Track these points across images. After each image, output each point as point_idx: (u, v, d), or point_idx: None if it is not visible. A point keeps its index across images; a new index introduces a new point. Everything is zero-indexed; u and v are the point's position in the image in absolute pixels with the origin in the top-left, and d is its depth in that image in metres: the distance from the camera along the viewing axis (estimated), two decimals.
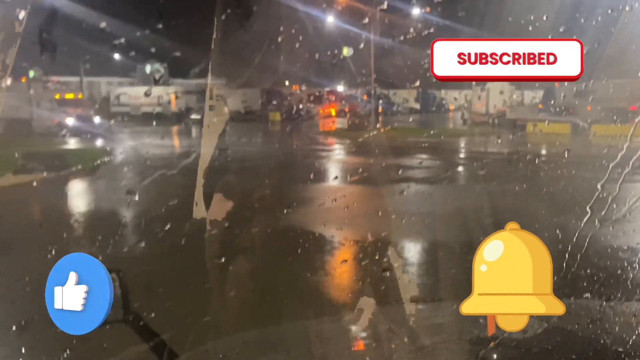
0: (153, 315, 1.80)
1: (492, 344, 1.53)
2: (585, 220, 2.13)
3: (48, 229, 6.34)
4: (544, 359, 1.55)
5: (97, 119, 24.03)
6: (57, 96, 25.69)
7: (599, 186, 2.14)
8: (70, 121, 22.92)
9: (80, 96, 27.77)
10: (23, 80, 24.66)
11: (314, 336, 1.80)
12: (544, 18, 3.23)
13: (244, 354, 1.70)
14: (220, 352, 1.74)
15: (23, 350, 2.31)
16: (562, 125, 17.46)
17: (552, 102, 20.87)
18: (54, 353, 1.66)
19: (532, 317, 1.76)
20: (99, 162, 12.56)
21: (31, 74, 22.63)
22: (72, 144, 18.16)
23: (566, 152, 5.08)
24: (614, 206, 2.15)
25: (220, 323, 3.38)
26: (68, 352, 1.60)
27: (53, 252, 3.71)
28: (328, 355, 1.67)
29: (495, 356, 1.51)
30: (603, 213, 2.15)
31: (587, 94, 14.30)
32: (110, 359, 2.87)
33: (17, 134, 17.77)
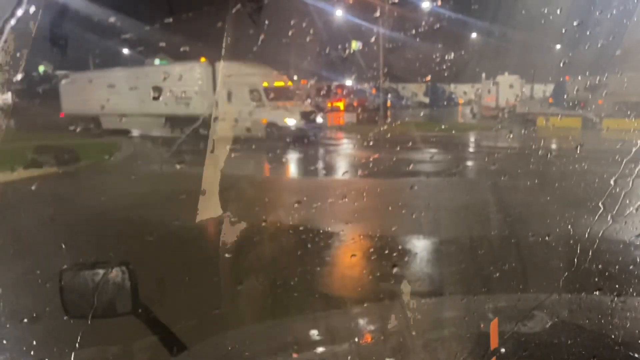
0: (162, 307, 1.81)
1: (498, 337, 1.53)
2: (597, 215, 2.10)
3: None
4: (554, 354, 1.53)
5: (319, 118, 16.17)
6: (266, 84, 16.97)
7: (612, 181, 2.12)
8: (291, 122, 14.96)
9: (290, 84, 18.39)
10: (202, 60, 16.79)
11: (322, 329, 1.81)
12: (558, 11, 3.19)
13: (253, 346, 1.71)
14: (229, 344, 1.74)
15: (34, 342, 2.33)
16: (573, 119, 17.29)
17: (563, 96, 20.66)
18: (64, 345, 1.67)
19: (542, 312, 1.75)
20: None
21: (41, 68, 20.12)
22: None
23: (578, 147, 5.01)
24: (627, 201, 2.12)
25: (229, 315, 3.40)
26: (78, 343, 1.61)
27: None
28: (336, 348, 1.66)
29: (504, 350, 1.50)
30: (616, 208, 2.13)
31: (600, 88, 14.11)
32: (120, 351, 2.90)
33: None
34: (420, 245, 5.98)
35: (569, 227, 3.49)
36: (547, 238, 3.99)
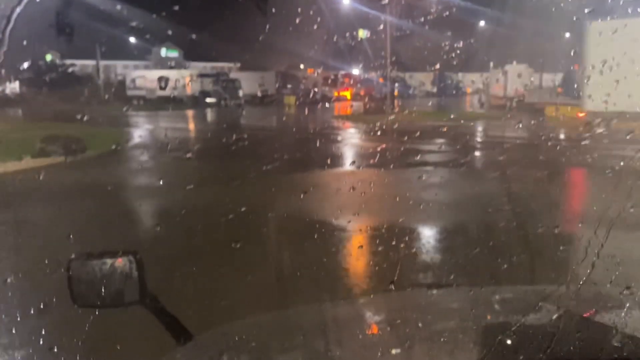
0: (170, 296, 1.81)
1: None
2: (608, 206, 2.08)
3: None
4: (561, 346, 1.52)
5: None
6: None
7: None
8: None
9: None
10: None
11: (330, 319, 1.80)
12: None
13: (260, 336, 1.70)
14: (236, 333, 1.74)
15: (43, 332, 2.35)
16: (582, 109, 17.06)
17: (573, 85, 20.44)
18: (72, 334, 1.68)
19: (549, 304, 1.74)
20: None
21: (48, 57, 19.14)
22: None
23: (588, 138, 4.96)
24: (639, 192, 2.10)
25: (236, 305, 3.41)
26: (86, 332, 1.62)
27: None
28: (343, 338, 1.66)
29: (510, 342, 1.49)
30: (626, 199, 2.10)
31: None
32: (127, 339, 2.91)
33: None
34: (425, 236, 5.94)
35: (579, 218, 3.47)
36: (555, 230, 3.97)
